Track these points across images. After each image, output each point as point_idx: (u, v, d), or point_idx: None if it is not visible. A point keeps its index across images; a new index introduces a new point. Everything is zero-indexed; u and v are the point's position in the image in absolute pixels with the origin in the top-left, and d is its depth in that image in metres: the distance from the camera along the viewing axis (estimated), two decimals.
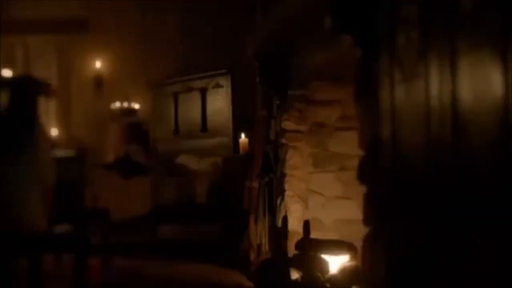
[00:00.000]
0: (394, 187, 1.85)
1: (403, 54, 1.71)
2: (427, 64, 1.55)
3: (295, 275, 3.39)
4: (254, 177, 4.51)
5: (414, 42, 1.64)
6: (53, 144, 3.40)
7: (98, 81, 7.64)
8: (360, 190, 2.30)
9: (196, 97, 6.92)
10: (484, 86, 1.31)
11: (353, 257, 3.14)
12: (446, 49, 1.45)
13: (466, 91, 1.39)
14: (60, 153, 6.37)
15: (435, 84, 1.52)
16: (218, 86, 6.76)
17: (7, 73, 6.75)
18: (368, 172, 2.17)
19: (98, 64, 7.63)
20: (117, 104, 7.37)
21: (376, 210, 2.13)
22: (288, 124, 3.89)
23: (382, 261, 2.06)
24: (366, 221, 2.26)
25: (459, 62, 1.41)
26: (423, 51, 1.58)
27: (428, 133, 1.55)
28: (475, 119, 1.35)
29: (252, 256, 4.37)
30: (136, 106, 7.39)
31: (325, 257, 3.26)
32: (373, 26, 1.97)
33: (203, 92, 6.90)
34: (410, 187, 1.73)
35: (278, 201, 4.00)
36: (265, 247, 4.16)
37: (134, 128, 7.16)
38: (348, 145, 3.46)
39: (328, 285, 3.11)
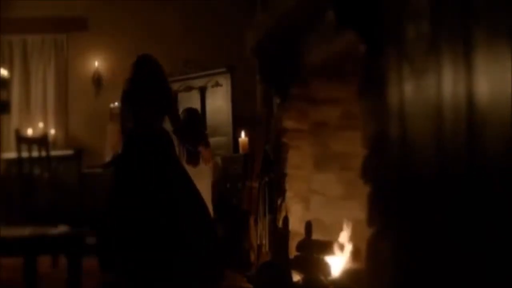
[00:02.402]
0: (402, 186, 1.78)
1: (412, 48, 1.64)
2: (439, 58, 1.47)
3: (296, 277, 3.33)
4: (254, 176, 4.46)
5: (424, 34, 1.56)
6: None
7: (97, 80, 7.58)
8: (362, 189, 2.24)
9: (195, 96, 6.86)
10: (503, 81, 1.23)
11: (356, 258, 3.08)
12: (460, 42, 1.37)
13: (483, 87, 1.31)
14: (57, 152, 6.33)
15: (448, 80, 1.45)
16: (218, 85, 6.70)
17: (4, 72, 6.70)
18: (372, 171, 2.11)
19: (96, 63, 7.58)
20: (116, 103, 7.29)
21: (381, 210, 2.06)
22: (288, 123, 3.85)
23: (388, 263, 2.00)
24: (370, 221, 2.19)
25: (475, 55, 1.33)
26: (435, 44, 1.50)
27: (441, 131, 1.48)
28: (493, 117, 1.28)
29: (252, 257, 4.31)
30: None
31: (327, 258, 3.20)
32: (378, 19, 1.90)
33: (203, 91, 6.84)
34: (421, 186, 1.66)
35: (279, 201, 3.94)
36: (266, 248, 4.10)
37: None
38: (350, 144, 3.40)
39: (330, 287, 3.05)
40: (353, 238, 3.23)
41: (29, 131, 6.87)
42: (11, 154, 5.47)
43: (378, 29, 1.90)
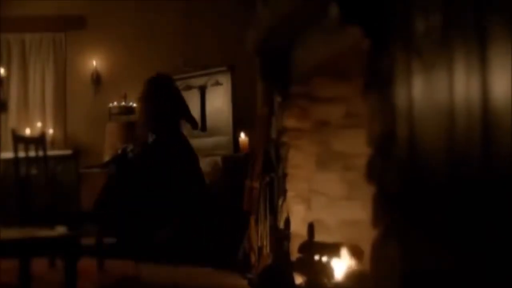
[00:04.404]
0: (409, 187, 1.71)
1: (422, 42, 1.56)
2: (451, 52, 1.40)
3: (298, 279, 3.27)
4: (255, 177, 4.40)
5: (435, 27, 1.49)
6: None
7: (96, 79, 7.52)
8: (366, 190, 2.18)
9: (195, 95, 6.80)
10: None
11: (360, 260, 3.01)
12: (475, 35, 1.30)
13: (499, 83, 1.24)
14: (55, 152, 6.27)
15: (461, 76, 1.37)
16: (218, 84, 6.64)
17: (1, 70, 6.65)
18: (378, 171, 2.04)
19: (95, 62, 7.52)
20: (115, 103, 7.25)
21: (387, 211, 2.00)
22: (289, 122, 3.78)
23: (394, 265, 1.94)
24: (375, 222, 2.13)
25: (490, 49, 1.25)
26: (446, 37, 1.42)
27: (452, 131, 1.41)
28: (510, 116, 1.20)
29: (253, 259, 4.25)
30: (134, 104, 7.28)
31: (330, 261, 3.14)
32: (385, 12, 1.83)
33: (202, 90, 6.78)
34: (429, 188, 1.59)
35: (280, 202, 3.88)
36: (267, 249, 4.04)
37: (132, 127, 7.04)
38: (353, 144, 3.34)
39: None
40: (356, 240, 3.17)
41: (27, 131, 6.82)
42: (9, 154, 5.41)
43: (385, 22, 1.83)
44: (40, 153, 4.51)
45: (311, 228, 3.33)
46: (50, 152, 5.23)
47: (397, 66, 1.75)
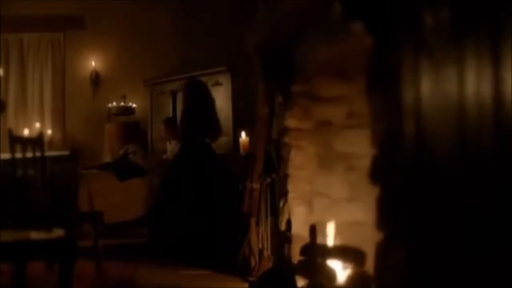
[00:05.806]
0: (418, 188, 1.65)
1: (430, 38, 1.51)
2: (462, 49, 1.34)
3: (300, 282, 3.22)
4: (255, 178, 4.35)
5: (444, 22, 1.43)
6: None
7: (94, 79, 7.48)
8: (368, 191, 2.13)
9: None
10: None
11: (362, 263, 2.96)
12: (486, 30, 1.24)
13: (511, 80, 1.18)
14: (52, 153, 6.21)
15: (472, 73, 1.32)
16: (218, 84, 6.60)
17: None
18: (382, 171, 1.98)
19: (94, 62, 7.48)
20: (114, 103, 7.21)
21: (392, 213, 1.94)
22: (291, 122, 3.73)
23: (400, 268, 1.89)
24: (380, 224, 2.08)
25: (503, 45, 1.20)
26: (456, 33, 1.37)
27: (464, 130, 1.35)
28: None
29: (253, 261, 4.20)
30: (133, 105, 7.24)
31: (333, 263, 3.08)
32: (390, 8, 1.77)
33: None
34: (440, 188, 1.53)
35: (281, 203, 3.84)
36: (267, 252, 3.99)
37: (131, 128, 7.01)
38: (356, 144, 3.28)
39: None
40: (359, 242, 3.11)
41: (26, 131, 6.77)
42: (8, 155, 5.36)
43: (390, 18, 1.77)
44: (38, 153, 4.45)
45: (313, 230, 3.27)
46: (48, 153, 5.17)
47: (404, 63, 1.69)
